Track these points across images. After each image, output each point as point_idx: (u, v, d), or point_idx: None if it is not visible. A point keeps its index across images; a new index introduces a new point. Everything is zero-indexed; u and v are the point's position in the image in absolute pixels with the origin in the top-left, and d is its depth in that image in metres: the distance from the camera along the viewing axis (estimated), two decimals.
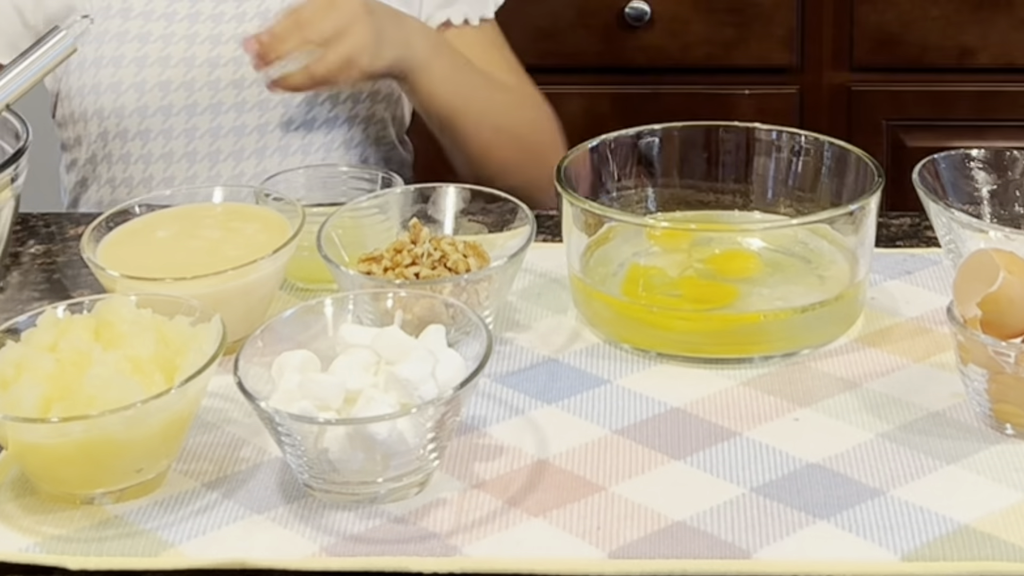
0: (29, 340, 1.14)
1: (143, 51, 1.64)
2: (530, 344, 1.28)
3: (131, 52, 1.64)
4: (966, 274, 1.16)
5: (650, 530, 1.06)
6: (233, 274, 1.24)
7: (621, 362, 1.25)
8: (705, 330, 1.24)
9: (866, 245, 1.27)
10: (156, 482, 1.12)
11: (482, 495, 1.10)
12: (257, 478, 1.13)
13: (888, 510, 1.07)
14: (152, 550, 1.06)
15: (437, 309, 1.17)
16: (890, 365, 1.24)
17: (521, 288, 1.36)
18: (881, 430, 1.16)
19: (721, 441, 1.15)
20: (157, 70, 1.64)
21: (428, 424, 1.07)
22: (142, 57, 1.64)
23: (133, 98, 1.64)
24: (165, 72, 1.64)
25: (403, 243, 1.27)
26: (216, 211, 1.35)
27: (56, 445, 1.07)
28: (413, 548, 1.05)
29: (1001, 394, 1.13)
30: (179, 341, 1.13)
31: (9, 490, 1.12)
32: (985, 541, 1.04)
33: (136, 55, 1.64)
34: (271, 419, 1.07)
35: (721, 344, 1.24)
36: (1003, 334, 1.13)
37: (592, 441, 1.16)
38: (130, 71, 1.63)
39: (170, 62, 1.64)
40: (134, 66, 1.63)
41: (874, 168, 1.29)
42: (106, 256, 1.28)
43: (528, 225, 1.29)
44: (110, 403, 1.06)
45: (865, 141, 1.44)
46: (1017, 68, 2.39)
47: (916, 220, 1.47)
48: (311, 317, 1.17)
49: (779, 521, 1.06)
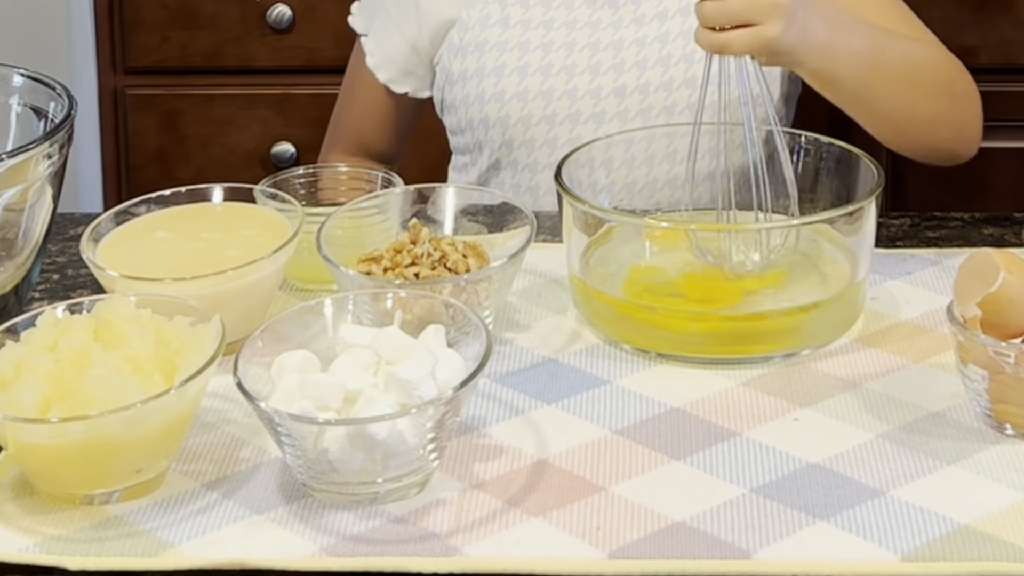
0: (29, 340, 1.13)
1: (524, 60, 1.60)
2: (530, 344, 1.28)
3: (512, 61, 1.61)
4: (966, 274, 1.16)
5: (650, 530, 1.06)
6: (233, 274, 1.24)
7: (621, 362, 1.25)
8: (705, 330, 1.24)
9: (866, 245, 1.27)
10: (156, 482, 1.12)
11: (482, 495, 1.10)
12: (257, 478, 1.13)
13: (888, 510, 1.07)
14: (152, 550, 1.06)
15: (437, 309, 1.17)
16: (890, 365, 1.24)
17: (521, 288, 1.36)
18: (881, 430, 1.16)
19: (721, 441, 1.15)
20: (539, 79, 1.60)
21: (428, 424, 1.07)
22: (523, 66, 1.60)
23: (517, 107, 1.61)
24: (547, 81, 1.60)
25: (403, 243, 1.27)
26: (216, 211, 1.35)
27: (56, 445, 1.07)
28: (413, 548, 1.05)
29: (1001, 394, 1.13)
30: (179, 341, 1.13)
31: (9, 490, 1.12)
32: (985, 541, 1.04)
33: (518, 64, 1.61)
34: (271, 419, 1.07)
35: (721, 344, 1.24)
36: (1003, 334, 1.13)
37: (592, 441, 1.16)
38: (512, 80, 1.61)
39: (551, 70, 1.60)
40: (516, 75, 1.60)
41: (874, 168, 1.29)
42: (106, 256, 1.28)
43: (528, 225, 1.29)
44: (110, 403, 1.06)
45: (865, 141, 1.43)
46: (1017, 68, 2.39)
47: (916, 220, 1.47)
48: (311, 317, 1.17)
49: (779, 521, 1.06)
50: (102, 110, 2.51)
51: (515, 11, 1.62)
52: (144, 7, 2.44)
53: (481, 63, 1.61)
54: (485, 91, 1.61)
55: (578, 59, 1.60)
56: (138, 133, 2.51)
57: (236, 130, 2.49)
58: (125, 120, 2.50)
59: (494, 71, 1.61)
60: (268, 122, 2.46)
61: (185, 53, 2.47)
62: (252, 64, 2.44)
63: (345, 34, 1.78)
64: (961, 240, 1.43)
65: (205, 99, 2.49)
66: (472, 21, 1.62)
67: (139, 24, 2.45)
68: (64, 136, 1.26)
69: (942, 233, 1.45)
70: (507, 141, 1.62)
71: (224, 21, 2.45)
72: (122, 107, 2.50)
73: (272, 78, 2.44)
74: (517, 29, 1.61)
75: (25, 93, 1.34)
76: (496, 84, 1.61)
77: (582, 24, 1.61)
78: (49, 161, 1.25)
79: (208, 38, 2.46)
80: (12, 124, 1.35)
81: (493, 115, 1.62)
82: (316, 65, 2.42)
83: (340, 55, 2.41)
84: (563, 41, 1.60)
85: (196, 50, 2.46)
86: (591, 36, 1.60)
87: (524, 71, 1.60)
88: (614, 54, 1.60)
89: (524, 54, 1.60)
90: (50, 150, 1.24)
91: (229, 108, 2.49)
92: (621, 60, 1.59)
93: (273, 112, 2.45)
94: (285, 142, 2.47)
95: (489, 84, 1.61)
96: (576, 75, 1.60)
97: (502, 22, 1.62)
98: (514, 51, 1.61)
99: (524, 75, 1.60)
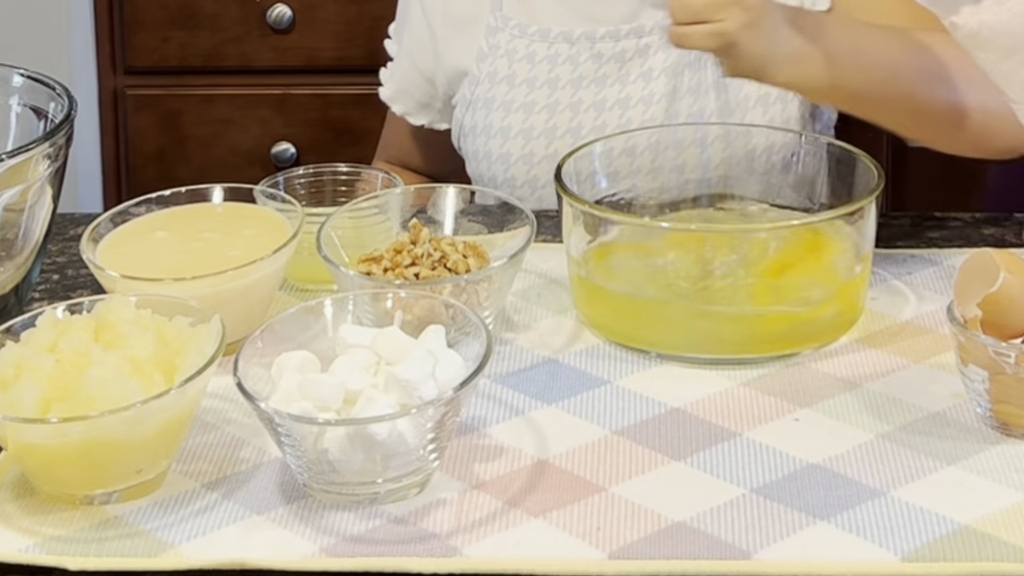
0: (29, 340, 1.13)
1: (529, 122, 1.58)
2: (530, 344, 1.28)
3: (517, 123, 1.58)
4: (966, 274, 1.16)
5: (650, 531, 1.06)
6: (233, 275, 1.24)
7: (621, 362, 1.25)
8: (705, 330, 1.24)
9: (866, 245, 1.27)
10: (156, 483, 1.12)
11: (482, 495, 1.10)
12: (257, 478, 1.13)
13: (888, 511, 1.07)
14: (152, 551, 1.06)
15: (437, 309, 1.17)
16: (890, 365, 1.24)
17: (521, 288, 1.35)
18: (881, 431, 1.16)
19: (721, 442, 1.15)
20: (543, 142, 1.58)
21: (428, 424, 1.07)
22: (528, 129, 1.58)
23: (523, 170, 1.59)
24: (552, 144, 1.57)
25: (403, 243, 1.27)
26: (216, 212, 1.35)
27: (56, 446, 1.07)
28: (413, 549, 1.05)
29: (1001, 394, 1.13)
30: (179, 342, 1.13)
31: (9, 490, 1.12)
32: (985, 541, 1.04)
33: (523, 126, 1.58)
34: (271, 420, 1.07)
35: (721, 344, 1.24)
36: (1003, 334, 1.13)
37: (592, 441, 1.16)
38: (517, 143, 1.58)
39: (556, 132, 1.58)
40: (521, 138, 1.58)
41: (874, 168, 1.29)
42: (106, 256, 1.28)
43: (528, 225, 1.29)
44: (110, 403, 1.06)
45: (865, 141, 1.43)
46: None
47: (916, 220, 1.47)
48: (311, 318, 1.17)
49: (779, 522, 1.06)
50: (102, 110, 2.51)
51: (521, 68, 1.58)
52: (144, 7, 2.44)
53: (488, 121, 1.59)
54: (492, 151, 1.59)
55: (583, 120, 1.57)
56: (138, 133, 2.51)
57: (236, 130, 2.49)
58: (125, 120, 2.50)
59: (500, 132, 1.59)
60: (268, 122, 2.46)
61: (185, 53, 2.47)
62: (252, 64, 2.44)
63: (345, 34, 1.78)
64: (961, 240, 1.43)
65: (205, 99, 2.49)
66: (482, 76, 1.60)
67: (139, 24, 2.45)
68: (64, 136, 1.26)
69: (942, 233, 1.45)
70: (520, 199, 1.60)
71: (224, 21, 2.45)
72: (122, 107, 2.50)
73: (272, 78, 2.44)
74: (523, 89, 1.58)
75: (25, 93, 1.34)
76: (502, 145, 1.59)
77: (588, 81, 1.57)
78: (49, 161, 1.25)
79: (208, 38, 2.46)
80: (12, 124, 1.35)
81: (500, 175, 1.60)
82: (316, 65, 2.42)
83: (340, 55, 2.42)
84: (568, 102, 1.57)
85: (196, 50, 2.46)
86: (597, 94, 1.56)
87: (529, 134, 1.58)
88: (620, 113, 1.57)
89: (529, 116, 1.58)
90: (50, 150, 1.24)
91: (229, 108, 2.49)
92: (627, 120, 1.56)
93: (273, 112, 2.45)
94: (285, 142, 2.47)
95: (496, 145, 1.59)
96: (581, 137, 1.55)
97: (508, 79, 1.59)
98: (519, 112, 1.58)
99: (529, 138, 1.58)
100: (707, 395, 1.21)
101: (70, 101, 1.29)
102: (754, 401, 1.20)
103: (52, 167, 1.26)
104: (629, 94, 1.56)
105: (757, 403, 1.19)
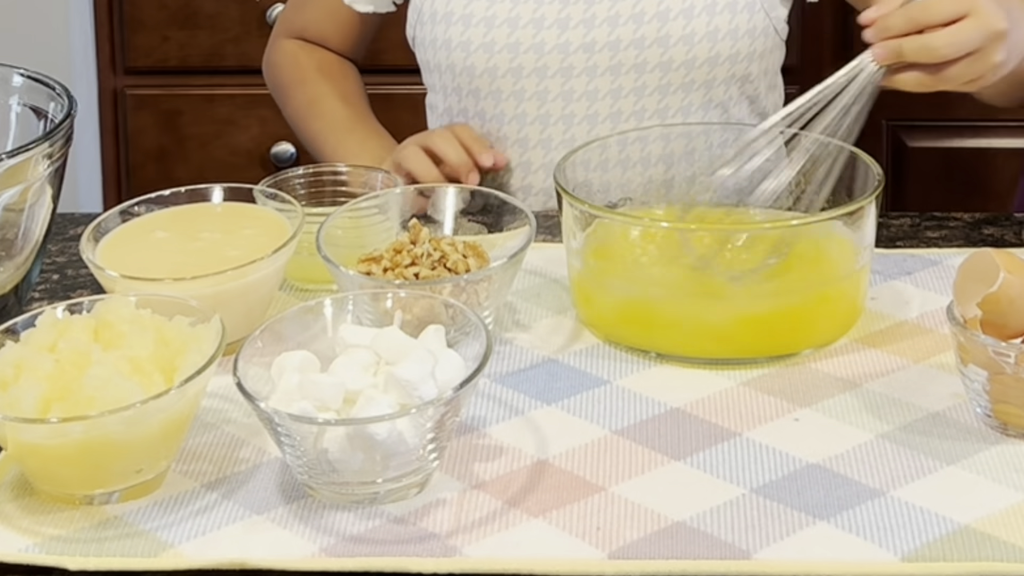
0: (28, 340, 1.13)
1: (492, 10, 1.59)
2: (530, 344, 1.28)
3: (480, 11, 1.59)
4: (966, 274, 1.16)
5: (650, 530, 1.06)
6: (232, 275, 1.24)
7: (621, 362, 1.25)
8: (705, 330, 1.24)
9: (866, 245, 1.27)
10: (156, 482, 1.12)
11: (482, 495, 1.10)
12: (257, 478, 1.13)
13: (888, 511, 1.07)
14: (152, 550, 1.06)
15: (437, 309, 1.17)
16: (890, 365, 1.24)
17: (521, 288, 1.35)
18: (881, 431, 1.16)
19: (721, 441, 1.15)
20: (505, 30, 1.58)
21: (428, 424, 1.07)
22: (491, 17, 1.59)
23: (483, 58, 1.59)
24: (514, 33, 1.58)
25: (403, 243, 1.27)
26: (216, 211, 1.35)
27: (56, 445, 1.07)
28: (413, 548, 1.05)
29: (1001, 394, 1.13)
30: (179, 341, 1.13)
31: (9, 490, 1.12)
32: (985, 541, 1.04)
33: (485, 15, 1.59)
34: (270, 420, 1.07)
35: (721, 344, 1.24)
36: (1003, 334, 1.13)
37: (592, 441, 1.16)
38: (479, 31, 1.58)
39: (519, 23, 1.58)
40: (483, 26, 1.58)
41: (874, 168, 1.29)
42: (106, 256, 1.28)
43: (528, 225, 1.29)
44: (109, 403, 1.06)
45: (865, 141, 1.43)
46: None
47: (916, 220, 1.47)
48: (311, 317, 1.17)
49: (779, 522, 1.06)
50: (102, 110, 2.51)
51: None
52: (144, 7, 2.45)
53: (449, 8, 1.60)
54: (452, 38, 1.60)
55: (547, 12, 1.58)
56: (138, 133, 2.51)
57: (236, 130, 2.49)
58: (125, 120, 2.51)
59: (461, 19, 1.59)
60: (268, 122, 2.46)
61: (185, 53, 2.47)
62: (252, 64, 2.43)
63: None
64: (961, 240, 1.43)
65: (205, 99, 2.49)
66: None
67: (139, 24, 2.45)
68: (64, 136, 1.26)
69: (942, 233, 1.45)
70: (473, 90, 1.61)
71: (224, 21, 2.45)
72: (122, 107, 2.50)
73: None
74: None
75: (25, 93, 1.35)
76: (462, 33, 1.59)
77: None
78: (49, 161, 1.25)
79: (208, 38, 2.46)
80: (12, 124, 1.35)
81: (459, 63, 1.60)
82: None
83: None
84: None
85: (196, 50, 2.46)
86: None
87: (491, 22, 1.58)
88: (585, 8, 1.57)
89: (492, 4, 1.59)
90: (50, 150, 1.24)
91: (229, 108, 2.49)
92: (592, 15, 1.56)
93: (273, 112, 2.44)
94: (285, 142, 2.47)
95: (456, 32, 1.59)
96: (544, 28, 1.57)
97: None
98: (482, 0, 1.59)
99: (491, 26, 1.58)
100: (707, 395, 1.21)
101: (70, 101, 1.29)
102: (754, 401, 1.20)
103: (52, 167, 1.26)
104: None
105: (757, 403, 1.19)
